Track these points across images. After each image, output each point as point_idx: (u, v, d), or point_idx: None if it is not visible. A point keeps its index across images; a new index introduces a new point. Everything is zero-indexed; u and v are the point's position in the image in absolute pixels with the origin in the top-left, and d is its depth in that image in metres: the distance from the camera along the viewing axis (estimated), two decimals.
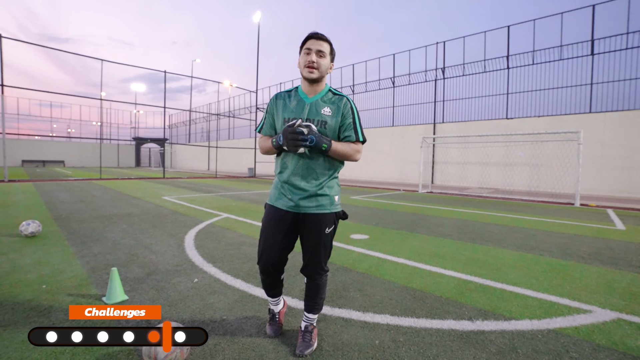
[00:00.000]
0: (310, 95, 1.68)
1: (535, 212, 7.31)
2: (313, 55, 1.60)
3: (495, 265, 3.31)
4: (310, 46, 1.61)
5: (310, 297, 1.79)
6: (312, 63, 1.59)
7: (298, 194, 1.64)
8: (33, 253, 3.50)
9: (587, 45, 12.28)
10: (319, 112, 1.63)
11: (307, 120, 1.62)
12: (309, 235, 1.68)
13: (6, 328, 1.94)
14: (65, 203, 7.41)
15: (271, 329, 1.91)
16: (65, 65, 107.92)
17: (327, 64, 1.64)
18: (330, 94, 1.70)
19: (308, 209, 1.65)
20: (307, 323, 1.81)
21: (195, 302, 2.33)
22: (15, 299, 2.36)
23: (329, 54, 1.65)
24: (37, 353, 1.70)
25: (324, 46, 1.62)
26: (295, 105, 1.67)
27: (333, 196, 1.70)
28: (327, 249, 1.72)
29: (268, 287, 1.86)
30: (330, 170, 1.68)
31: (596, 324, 2.07)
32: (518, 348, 1.78)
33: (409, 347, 1.77)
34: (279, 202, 1.69)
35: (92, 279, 2.78)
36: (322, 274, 1.76)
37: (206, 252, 3.63)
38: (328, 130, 1.63)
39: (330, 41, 1.66)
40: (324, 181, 1.65)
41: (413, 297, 2.45)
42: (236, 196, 9.59)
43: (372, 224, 5.44)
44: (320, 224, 1.66)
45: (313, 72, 1.60)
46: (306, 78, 1.64)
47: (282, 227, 1.67)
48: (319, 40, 1.61)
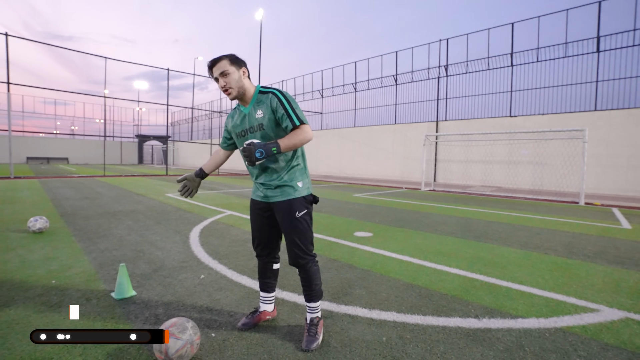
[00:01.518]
0: (246, 105, 1.81)
1: (539, 210, 7.28)
2: (220, 81, 1.72)
3: (501, 263, 3.30)
4: (214, 74, 1.73)
5: (305, 286, 1.86)
6: (223, 87, 1.72)
7: (264, 187, 1.83)
8: (41, 249, 3.53)
9: (593, 43, 12.17)
10: (255, 117, 1.76)
11: (249, 130, 1.78)
12: (283, 222, 1.80)
13: (19, 322, 1.97)
14: (70, 200, 7.47)
15: (245, 320, 1.95)
16: (68, 62, 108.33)
17: (235, 76, 1.72)
18: (260, 94, 1.79)
19: (275, 198, 1.80)
20: (311, 315, 1.85)
21: (203, 298, 2.35)
22: (26, 293, 2.39)
23: (231, 65, 1.72)
24: (49, 346, 1.72)
25: (223, 64, 1.70)
26: (239, 119, 1.83)
27: (296, 183, 1.80)
28: (303, 233, 1.79)
29: (261, 274, 2.01)
30: (285, 162, 1.78)
31: (604, 323, 2.07)
32: (525, 346, 1.78)
33: (416, 344, 1.78)
34: (255, 194, 1.92)
35: (100, 274, 2.81)
36: (307, 259, 1.82)
37: (211, 248, 3.65)
38: (267, 129, 1.73)
39: (228, 55, 1.73)
40: (282, 173, 1.78)
41: (419, 295, 2.46)
42: (239, 193, 9.62)
43: (376, 222, 5.45)
44: (289, 208, 1.77)
45: (230, 92, 1.73)
46: (231, 100, 1.79)
47: (261, 215, 1.90)
48: (216, 65, 1.71)
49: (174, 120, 43.59)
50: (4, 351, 1.68)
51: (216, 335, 1.86)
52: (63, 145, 40.75)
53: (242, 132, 1.82)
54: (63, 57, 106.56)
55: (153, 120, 46.61)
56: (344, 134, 20.45)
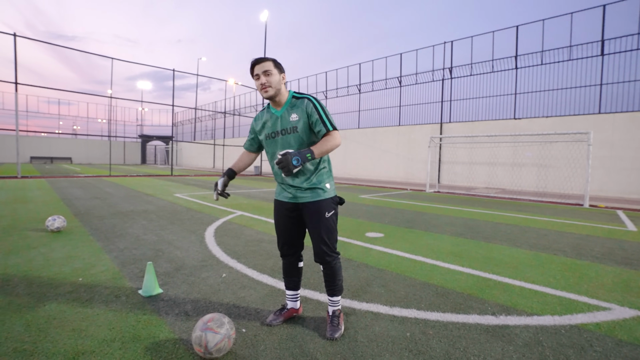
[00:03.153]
0: (278, 108, 1.88)
1: (544, 212, 7.35)
2: (262, 78, 1.79)
3: (512, 263, 3.38)
4: (256, 72, 1.80)
5: (329, 282, 1.96)
6: (263, 85, 1.79)
7: (293, 189, 1.89)
8: (62, 247, 3.63)
9: (597, 46, 12.23)
10: (289, 120, 1.84)
11: (281, 132, 1.85)
12: (312, 221, 1.88)
13: (56, 317, 2.05)
14: (81, 199, 7.57)
15: (273, 317, 2.03)
16: (71, 62, 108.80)
17: (277, 78, 1.81)
18: (294, 99, 1.87)
19: (305, 199, 1.87)
20: (333, 307, 1.97)
21: (228, 296, 2.44)
22: (56, 290, 2.48)
23: (275, 68, 1.81)
24: (89, 340, 1.81)
25: (267, 65, 1.79)
26: (270, 120, 1.90)
27: (325, 184, 1.89)
28: (330, 232, 1.89)
29: (287, 273, 2.07)
30: (314, 165, 1.86)
31: (616, 320, 2.15)
32: (543, 342, 1.86)
33: (439, 339, 1.87)
34: (281, 195, 1.97)
35: (124, 272, 2.90)
36: (333, 257, 1.92)
37: (228, 248, 3.74)
38: (301, 132, 1.81)
39: (272, 59, 1.83)
40: (311, 175, 1.86)
41: (436, 293, 2.54)
42: (246, 194, 9.71)
43: (385, 223, 5.53)
44: (319, 209, 1.86)
45: (267, 90, 1.80)
46: (266, 98, 1.84)
47: (288, 215, 1.95)
48: (260, 63, 1.80)
49: (176, 121, 43.79)
50: (47, 344, 1.77)
51: (247, 330, 1.94)
52: (66, 145, 40.97)
53: (273, 133, 1.89)
54: (66, 57, 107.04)
55: (156, 120, 46.78)
56: (348, 135, 20.54)
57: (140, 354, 1.68)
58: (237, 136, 31.94)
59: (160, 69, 19.19)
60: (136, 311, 2.17)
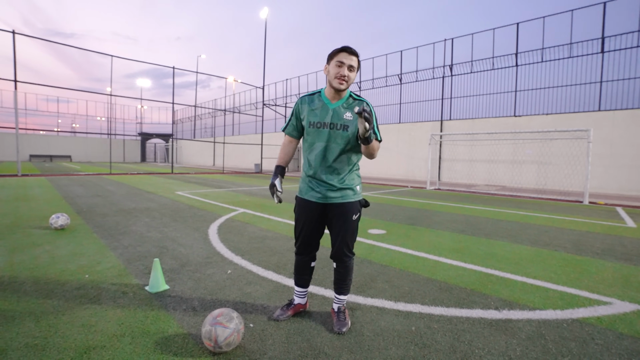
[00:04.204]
0: (334, 101, 1.85)
1: (544, 209, 7.39)
2: (345, 69, 1.75)
3: (513, 259, 3.42)
4: (342, 59, 1.75)
5: (339, 280, 1.99)
6: (343, 77, 1.76)
7: (325, 187, 1.87)
8: (66, 245, 3.65)
9: (598, 43, 12.24)
10: (342, 117, 1.82)
11: (330, 125, 1.82)
12: (338, 222, 1.89)
13: (65, 313, 2.08)
14: (82, 197, 7.59)
15: (280, 312, 2.05)
16: (69, 60, 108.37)
17: (354, 77, 1.82)
18: (351, 99, 1.87)
19: (334, 199, 1.87)
20: (339, 304, 2.02)
21: (234, 292, 2.46)
22: (64, 287, 2.50)
23: (358, 66, 1.82)
24: (99, 335, 1.83)
25: (354, 61, 1.78)
26: (320, 109, 1.85)
27: (355, 187, 1.91)
28: (353, 234, 1.94)
29: (298, 271, 2.07)
30: (350, 166, 1.88)
31: (617, 314, 2.19)
32: (546, 335, 1.90)
33: (444, 333, 1.90)
34: (309, 194, 1.92)
35: (130, 269, 2.92)
36: (350, 256, 1.97)
37: (232, 245, 3.76)
38: (350, 133, 1.80)
39: (359, 55, 1.82)
40: (344, 175, 1.86)
41: (439, 288, 2.57)
42: (247, 191, 9.73)
43: (387, 220, 5.56)
44: (346, 211, 1.87)
45: (343, 84, 1.77)
46: (336, 88, 1.79)
47: (313, 216, 1.93)
48: (351, 55, 1.76)
49: (176, 119, 43.71)
50: (58, 339, 1.79)
51: (254, 325, 1.97)
52: (65, 143, 40.87)
53: (320, 123, 1.83)
54: (65, 55, 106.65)
55: (155, 118, 46.68)
56: None
57: (151, 349, 1.71)
58: (237, 134, 31.92)
59: (159, 66, 19.13)
60: (144, 307, 2.20)
